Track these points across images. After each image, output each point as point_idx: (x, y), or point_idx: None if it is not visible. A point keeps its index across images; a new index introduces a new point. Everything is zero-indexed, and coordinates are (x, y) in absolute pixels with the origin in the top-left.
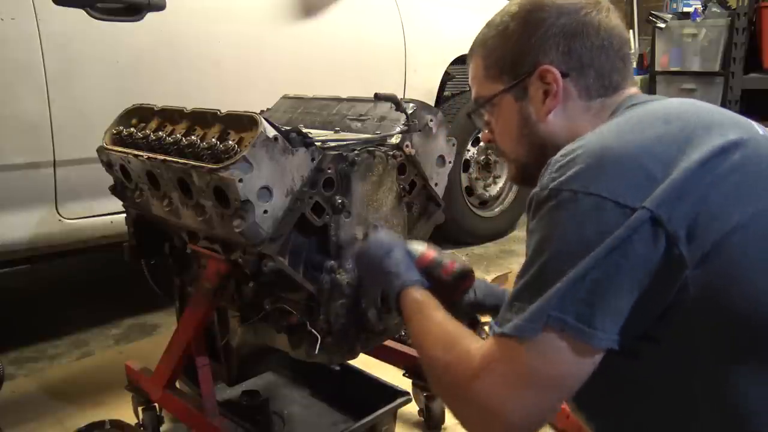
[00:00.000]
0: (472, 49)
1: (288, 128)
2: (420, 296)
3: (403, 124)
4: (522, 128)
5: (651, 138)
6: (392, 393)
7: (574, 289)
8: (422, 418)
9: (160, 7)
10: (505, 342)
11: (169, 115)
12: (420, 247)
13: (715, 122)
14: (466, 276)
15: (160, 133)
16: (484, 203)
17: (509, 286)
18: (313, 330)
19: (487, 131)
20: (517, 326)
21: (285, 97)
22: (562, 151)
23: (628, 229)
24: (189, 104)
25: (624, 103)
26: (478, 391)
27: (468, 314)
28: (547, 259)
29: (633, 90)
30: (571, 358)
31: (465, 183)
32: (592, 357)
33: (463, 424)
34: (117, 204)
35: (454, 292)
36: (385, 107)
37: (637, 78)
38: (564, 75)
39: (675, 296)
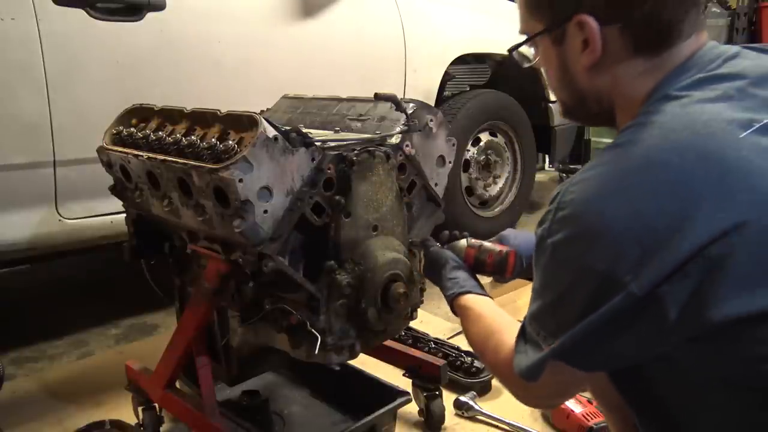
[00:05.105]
0: None
1: (288, 128)
2: (464, 302)
3: (403, 124)
4: (562, 76)
5: (653, 199)
6: (392, 393)
7: (571, 348)
8: (422, 418)
9: (160, 7)
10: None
11: (169, 115)
12: (461, 252)
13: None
14: (506, 260)
15: (160, 133)
16: (484, 203)
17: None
18: (313, 330)
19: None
20: (524, 370)
21: (285, 97)
22: (567, 190)
23: (616, 308)
24: (189, 104)
25: (674, 78)
26: (506, 382)
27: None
28: (551, 305)
29: (699, 42)
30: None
31: (465, 183)
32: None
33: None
34: (117, 204)
35: (504, 272)
36: (385, 107)
37: None
38: (604, 24)
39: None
